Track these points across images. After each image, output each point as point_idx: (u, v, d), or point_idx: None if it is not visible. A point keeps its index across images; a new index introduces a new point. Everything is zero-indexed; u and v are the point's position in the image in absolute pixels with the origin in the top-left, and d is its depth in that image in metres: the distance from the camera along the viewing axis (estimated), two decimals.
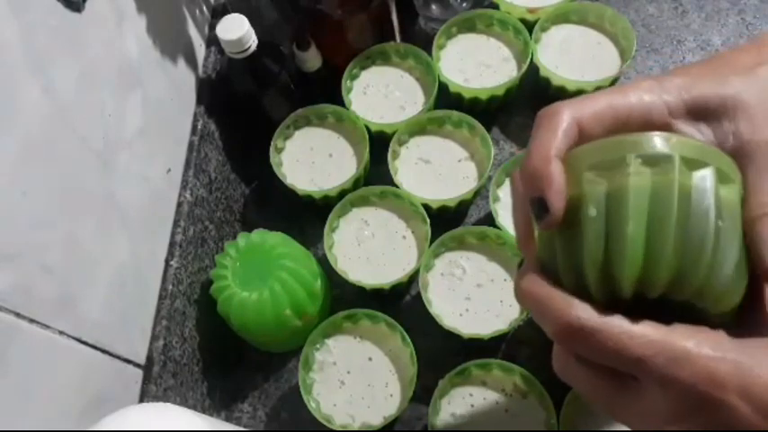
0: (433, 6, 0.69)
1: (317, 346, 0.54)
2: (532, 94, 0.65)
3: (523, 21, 0.64)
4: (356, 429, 0.50)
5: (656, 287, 0.25)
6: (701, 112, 0.28)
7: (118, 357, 0.45)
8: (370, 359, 0.53)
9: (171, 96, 0.55)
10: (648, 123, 0.28)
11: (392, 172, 0.59)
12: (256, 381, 0.59)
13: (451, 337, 0.52)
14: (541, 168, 0.27)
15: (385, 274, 0.56)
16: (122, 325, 0.46)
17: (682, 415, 0.25)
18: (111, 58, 0.47)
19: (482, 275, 0.55)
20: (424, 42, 0.65)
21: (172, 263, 0.52)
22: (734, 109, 0.28)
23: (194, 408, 0.53)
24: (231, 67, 0.60)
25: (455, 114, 0.60)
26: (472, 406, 0.50)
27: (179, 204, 0.55)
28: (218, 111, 0.62)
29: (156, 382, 0.48)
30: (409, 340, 0.51)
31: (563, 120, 0.28)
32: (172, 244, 0.53)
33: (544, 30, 0.64)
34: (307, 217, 0.63)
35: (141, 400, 0.47)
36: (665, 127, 0.28)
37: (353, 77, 0.65)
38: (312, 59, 0.63)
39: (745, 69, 0.28)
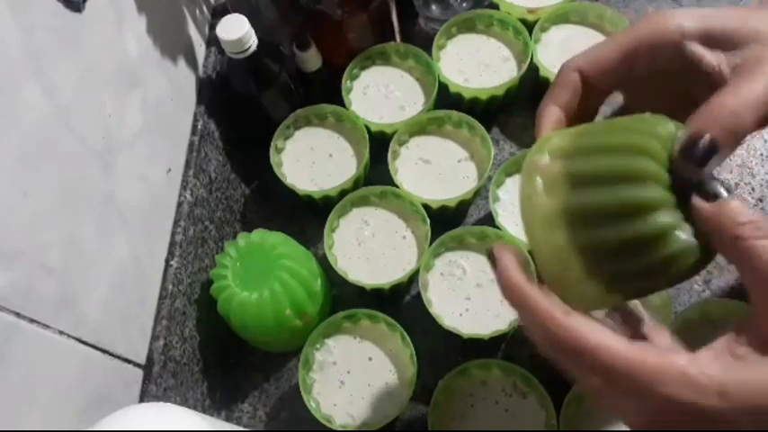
0: (433, 6, 0.69)
1: (317, 346, 0.54)
2: (532, 94, 0.65)
3: (523, 21, 0.64)
4: (356, 429, 0.50)
5: None
6: (717, 40, 0.29)
7: (118, 357, 0.45)
8: (370, 359, 0.53)
9: (171, 96, 0.55)
10: (657, 45, 0.30)
11: (392, 172, 0.59)
12: (256, 381, 0.59)
13: (451, 337, 0.52)
14: (538, 112, 0.34)
15: (385, 274, 0.56)
16: (122, 325, 0.46)
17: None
18: (111, 58, 0.47)
19: (482, 275, 0.55)
20: (424, 42, 0.65)
21: (172, 263, 0.52)
22: (752, 37, 0.28)
23: (194, 408, 0.53)
24: (231, 67, 0.60)
25: (455, 114, 0.60)
26: (472, 406, 0.51)
27: (179, 204, 0.55)
28: (218, 111, 0.62)
29: (156, 381, 0.48)
30: (409, 340, 0.51)
31: (564, 74, 0.33)
32: (172, 244, 0.53)
33: (544, 30, 0.64)
34: (307, 217, 0.64)
35: (141, 400, 0.47)
36: (675, 46, 0.29)
37: (353, 77, 0.65)
38: (312, 59, 0.63)
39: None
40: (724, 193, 0.26)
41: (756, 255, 0.24)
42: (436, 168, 0.60)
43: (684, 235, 0.26)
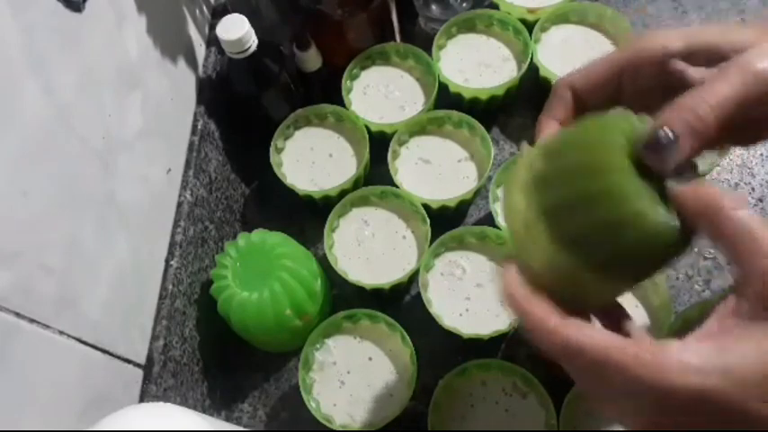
0: (433, 6, 0.69)
1: (317, 346, 0.54)
2: (532, 94, 0.65)
3: (523, 21, 0.64)
4: (356, 429, 0.50)
5: None
6: (699, 55, 0.30)
7: (118, 357, 0.45)
8: (370, 359, 0.53)
9: (171, 96, 0.55)
10: (641, 63, 0.32)
11: (392, 172, 0.59)
12: (256, 381, 0.59)
13: (451, 336, 0.52)
14: (537, 125, 0.35)
15: (385, 274, 0.56)
16: (122, 325, 0.46)
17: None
18: (111, 58, 0.47)
19: (482, 275, 0.55)
20: (424, 42, 0.65)
21: (172, 263, 0.52)
22: (732, 50, 0.29)
23: (194, 408, 0.53)
24: (231, 67, 0.60)
25: (455, 114, 0.60)
26: (472, 406, 0.51)
27: (179, 204, 0.55)
28: (218, 111, 0.62)
29: (156, 381, 0.48)
30: (409, 340, 0.51)
31: (557, 90, 0.35)
32: (172, 244, 0.53)
33: (544, 30, 0.64)
34: (307, 217, 0.63)
35: (141, 400, 0.47)
36: (658, 64, 0.31)
37: (353, 77, 0.65)
38: (312, 59, 0.63)
39: (753, 31, 0.30)
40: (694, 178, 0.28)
41: (737, 223, 0.26)
42: (436, 168, 0.60)
43: (663, 213, 0.27)
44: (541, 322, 0.28)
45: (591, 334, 0.26)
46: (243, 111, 0.64)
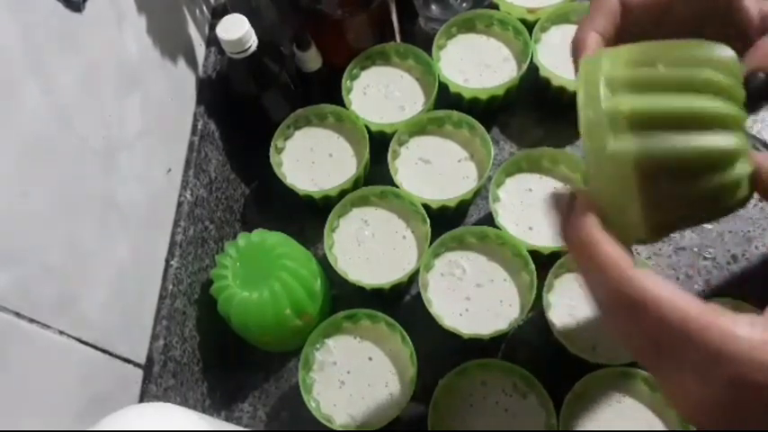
0: (433, 6, 0.69)
1: (317, 346, 0.54)
2: (532, 94, 0.65)
3: (523, 21, 0.64)
4: (356, 429, 0.50)
5: None
6: None
7: (118, 357, 0.45)
8: (370, 359, 0.53)
9: (171, 96, 0.55)
10: None
11: (392, 172, 0.59)
12: (256, 381, 0.59)
13: (451, 336, 0.52)
14: (578, 38, 0.33)
15: (385, 274, 0.56)
16: (122, 325, 0.46)
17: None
18: (111, 58, 0.47)
19: (482, 275, 0.55)
20: (424, 42, 0.65)
21: (172, 263, 0.52)
22: None
23: (194, 408, 0.53)
24: (231, 67, 0.60)
25: (455, 114, 0.60)
26: (472, 406, 0.51)
27: (179, 204, 0.55)
28: (218, 111, 0.62)
29: (157, 381, 0.48)
30: (409, 340, 0.51)
31: (604, 1, 0.32)
32: (172, 244, 0.53)
33: (544, 30, 0.64)
34: (307, 217, 0.64)
35: (141, 400, 0.48)
36: None
37: (353, 77, 0.65)
38: (312, 59, 0.63)
39: None
40: None
41: None
42: (436, 168, 0.60)
43: (746, 166, 0.26)
44: (616, 267, 0.25)
45: (672, 290, 0.24)
46: (243, 111, 0.64)
